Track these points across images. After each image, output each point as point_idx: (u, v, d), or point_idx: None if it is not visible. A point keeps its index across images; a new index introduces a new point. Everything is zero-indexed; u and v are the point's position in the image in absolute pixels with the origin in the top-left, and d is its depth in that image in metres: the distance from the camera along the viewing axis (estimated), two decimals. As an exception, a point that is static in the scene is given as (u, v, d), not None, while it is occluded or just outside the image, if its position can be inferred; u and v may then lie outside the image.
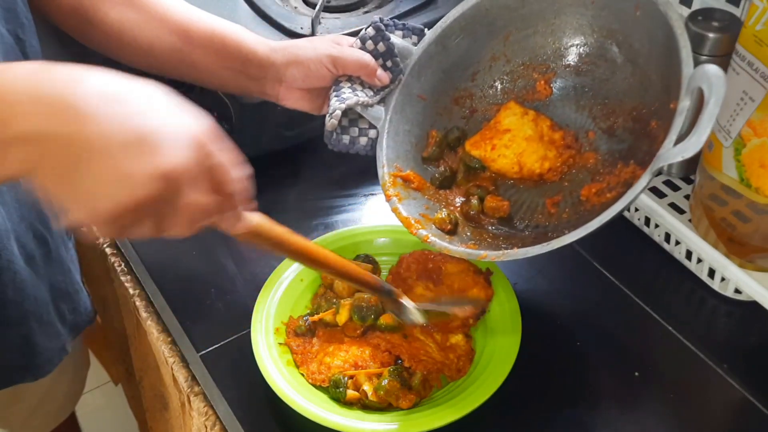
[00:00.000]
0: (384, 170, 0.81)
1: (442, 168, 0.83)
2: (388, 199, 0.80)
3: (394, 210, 0.79)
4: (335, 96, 0.81)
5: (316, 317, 0.80)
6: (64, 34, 0.89)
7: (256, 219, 0.63)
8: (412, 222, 0.78)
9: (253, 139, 1.02)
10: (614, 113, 0.78)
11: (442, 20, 0.83)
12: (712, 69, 0.62)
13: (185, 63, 0.86)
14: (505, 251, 0.71)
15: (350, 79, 0.83)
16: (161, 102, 0.53)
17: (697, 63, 0.83)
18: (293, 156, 1.04)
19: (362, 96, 0.82)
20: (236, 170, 0.57)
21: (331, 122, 0.80)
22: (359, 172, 1.02)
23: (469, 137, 0.85)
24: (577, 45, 0.81)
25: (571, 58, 0.81)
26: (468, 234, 0.79)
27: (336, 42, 0.84)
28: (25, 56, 0.77)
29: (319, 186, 1.01)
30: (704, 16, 0.83)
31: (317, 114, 0.86)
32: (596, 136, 0.79)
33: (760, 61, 0.71)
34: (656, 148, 0.65)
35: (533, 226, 0.79)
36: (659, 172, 0.68)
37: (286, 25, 1.04)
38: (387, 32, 0.83)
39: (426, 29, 0.85)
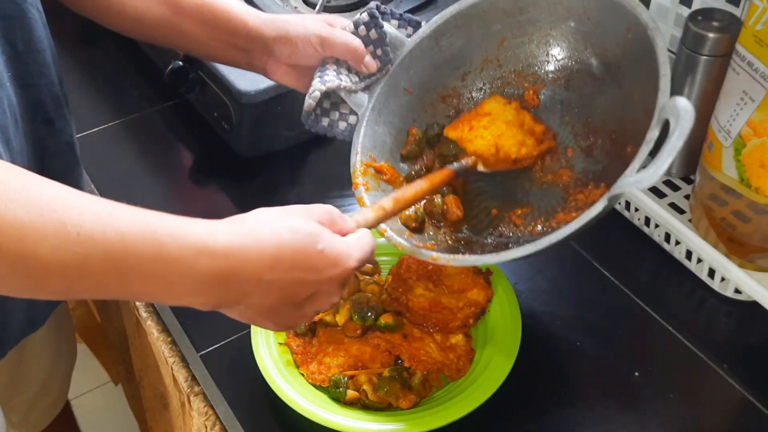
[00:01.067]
0: (357, 157, 0.80)
1: (417, 166, 0.83)
2: (355, 187, 0.79)
3: (359, 199, 0.78)
4: (318, 77, 0.80)
5: (315, 317, 0.80)
6: (63, 36, 0.88)
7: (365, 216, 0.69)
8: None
9: (253, 139, 1.02)
10: (595, 133, 0.78)
11: (438, 16, 0.82)
12: (682, 103, 0.61)
13: (175, 33, 0.85)
14: (455, 256, 0.70)
15: (338, 62, 0.81)
16: (325, 261, 0.60)
17: (696, 63, 0.84)
18: (293, 156, 1.04)
19: (346, 81, 0.80)
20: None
21: (308, 102, 0.79)
22: (359, 172, 1.02)
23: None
24: (569, 59, 0.80)
25: (562, 72, 0.81)
26: (430, 233, 0.79)
27: (329, 22, 0.82)
28: (44, 26, 0.77)
29: (319, 186, 1.01)
30: (704, 16, 0.83)
31: (303, 92, 0.84)
32: (574, 154, 0.79)
33: (760, 61, 0.71)
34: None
35: (497, 235, 0.78)
36: (617, 201, 0.68)
37: (286, 25, 1.04)
38: (381, 20, 0.82)
39: (423, 22, 0.84)
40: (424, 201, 0.80)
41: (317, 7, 1.03)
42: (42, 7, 0.83)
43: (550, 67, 0.82)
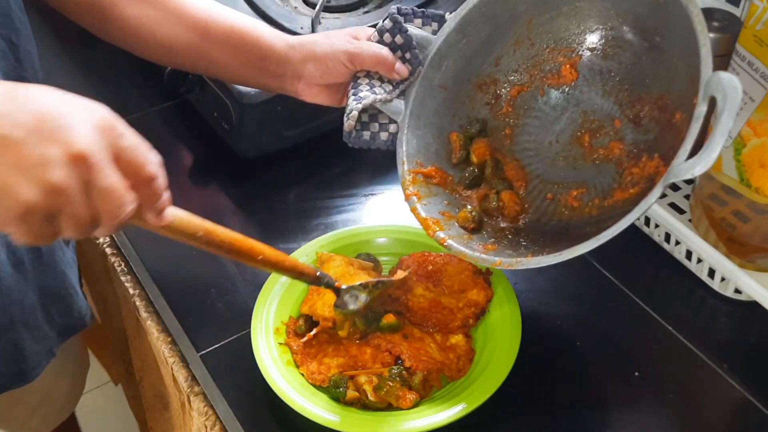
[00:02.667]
0: (404, 167, 0.80)
1: (470, 168, 0.82)
2: (407, 198, 0.79)
3: (413, 210, 0.78)
4: (353, 94, 0.80)
5: (315, 330, 0.80)
6: (63, 37, 0.88)
7: (178, 211, 0.60)
8: (430, 223, 0.77)
9: (253, 139, 1.02)
10: (640, 100, 0.76)
11: (460, 8, 0.81)
12: (728, 78, 0.59)
13: (204, 59, 0.85)
14: (518, 259, 0.70)
15: (369, 74, 0.82)
16: (57, 94, 0.51)
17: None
18: (293, 156, 1.04)
19: (380, 93, 0.81)
20: (150, 154, 0.55)
21: (348, 123, 0.80)
22: (359, 172, 1.03)
23: (491, 125, 0.83)
24: (602, 28, 0.78)
25: (597, 41, 0.79)
26: (489, 231, 0.79)
27: (354, 36, 0.82)
28: (18, 61, 0.76)
29: (319, 186, 1.01)
30: (704, 16, 0.82)
31: (338, 106, 0.85)
32: (622, 125, 0.77)
33: (760, 61, 0.71)
34: (679, 144, 0.63)
35: (556, 220, 0.78)
36: (673, 185, 0.67)
37: (286, 25, 1.04)
38: (405, 23, 0.81)
39: (447, 14, 0.83)
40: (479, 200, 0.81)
41: (317, 7, 1.03)
42: (42, 8, 0.83)
43: (584, 38, 0.80)
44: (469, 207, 0.80)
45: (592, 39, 0.79)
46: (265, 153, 1.03)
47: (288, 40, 0.83)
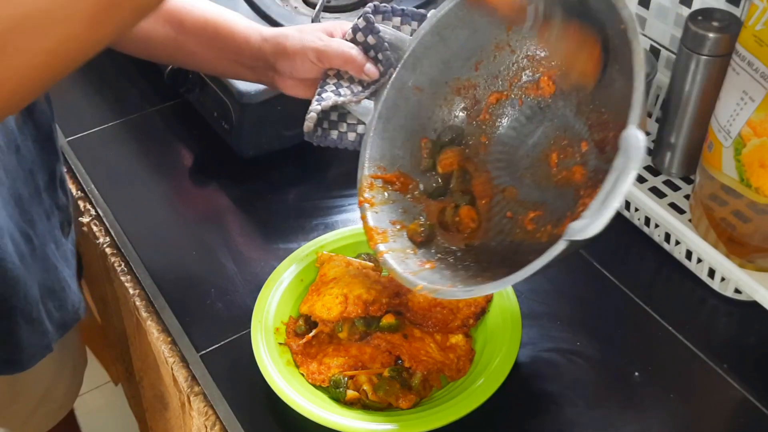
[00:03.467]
0: (363, 172, 0.79)
1: (433, 178, 0.80)
2: (360, 204, 0.78)
3: (362, 217, 0.77)
4: (317, 95, 0.79)
5: (314, 331, 0.80)
6: None
7: None
8: (374, 234, 0.76)
9: (253, 139, 1.02)
10: (607, 126, 0.73)
11: (436, 10, 0.79)
12: (633, 136, 0.55)
13: (181, 52, 0.86)
14: (438, 288, 0.69)
15: (339, 73, 0.81)
16: None
17: (696, 63, 0.84)
18: (293, 156, 1.04)
19: (345, 93, 0.79)
20: None
21: (306, 124, 0.79)
22: (359, 172, 1.02)
23: (467, 131, 0.82)
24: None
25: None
26: (439, 246, 0.77)
27: (330, 32, 0.81)
28: None
29: (319, 186, 1.01)
30: (704, 16, 0.83)
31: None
32: (588, 148, 0.75)
33: (760, 61, 0.71)
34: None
35: (509, 241, 0.76)
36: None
37: (286, 25, 1.04)
38: (382, 22, 0.80)
39: (429, 13, 0.81)
40: (438, 211, 0.79)
41: (317, 7, 1.03)
42: None
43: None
44: (421, 219, 0.78)
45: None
46: (265, 153, 1.03)
47: (262, 32, 0.83)
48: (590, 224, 0.56)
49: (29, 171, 0.83)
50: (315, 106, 0.78)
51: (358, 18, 0.79)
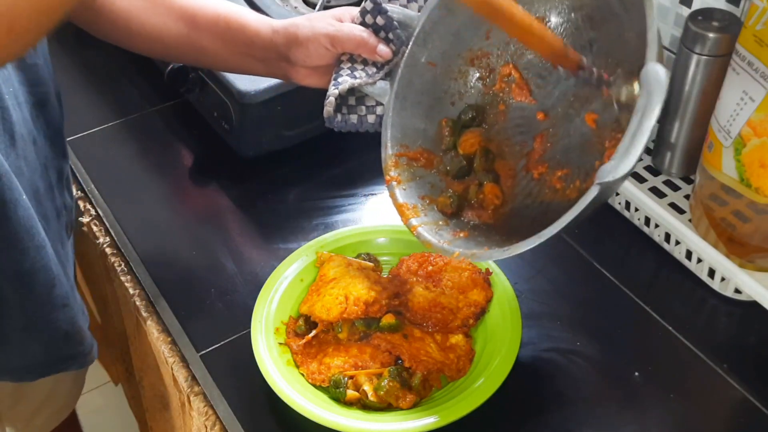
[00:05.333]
0: (387, 152, 0.79)
1: (455, 159, 0.80)
2: (387, 183, 0.78)
3: (391, 195, 0.77)
4: (333, 80, 0.79)
5: (314, 332, 0.80)
6: (63, 37, 0.89)
7: None
8: (405, 210, 0.76)
9: (253, 139, 1.02)
10: (624, 73, 0.71)
11: None
12: (653, 72, 0.56)
13: (194, 48, 0.86)
14: (474, 252, 0.69)
15: (352, 57, 0.81)
16: None
17: (696, 63, 0.84)
18: (293, 156, 1.04)
19: (361, 75, 0.79)
20: None
21: (326, 110, 0.79)
22: (359, 171, 1.03)
23: (488, 109, 0.81)
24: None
25: (587, 10, 0.75)
26: (469, 215, 0.78)
27: (339, 17, 0.81)
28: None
29: (319, 186, 1.01)
30: (704, 16, 0.83)
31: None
32: (607, 97, 0.73)
33: (760, 61, 0.71)
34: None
35: (538, 203, 0.76)
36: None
37: (286, 25, 1.04)
38: (384, 5, 0.79)
39: None
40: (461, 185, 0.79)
41: (317, 7, 1.03)
42: None
43: (573, 6, 0.76)
44: (450, 191, 0.78)
45: (582, 8, 0.76)
46: (265, 153, 1.03)
47: (272, 24, 0.83)
48: (619, 164, 0.56)
49: (44, 165, 0.83)
50: (332, 90, 0.78)
51: (365, 0, 0.80)
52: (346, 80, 0.79)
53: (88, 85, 1.19)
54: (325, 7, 1.09)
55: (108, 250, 0.96)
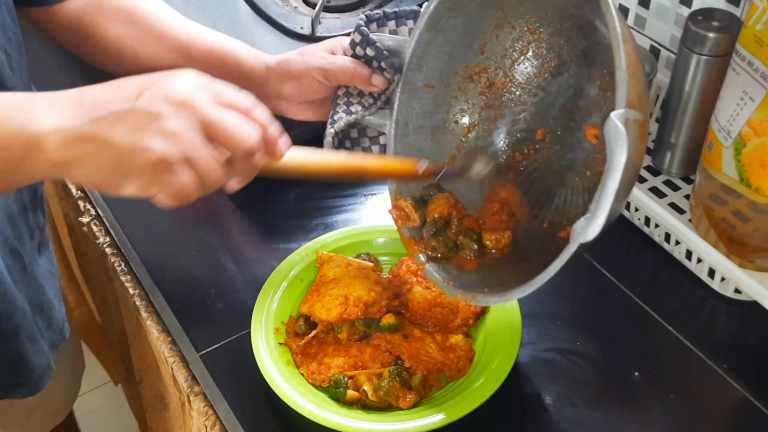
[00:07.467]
0: (392, 184, 0.79)
1: (429, 230, 0.79)
2: (391, 214, 0.79)
3: (399, 230, 0.79)
4: (330, 117, 0.80)
5: (314, 332, 0.80)
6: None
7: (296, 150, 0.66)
8: (413, 245, 0.77)
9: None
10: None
11: (424, 6, 0.78)
12: (612, 127, 0.53)
13: None
14: (479, 296, 0.70)
15: (348, 90, 0.81)
16: (145, 75, 0.59)
17: (696, 63, 0.84)
18: (293, 156, 1.04)
19: (357, 110, 0.80)
20: (242, 92, 0.61)
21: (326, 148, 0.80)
22: (359, 172, 1.02)
23: (489, 114, 0.82)
24: (574, 6, 0.74)
25: (574, 20, 0.75)
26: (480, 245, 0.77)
27: (331, 50, 0.81)
28: (12, 71, 0.76)
29: (319, 186, 1.01)
30: (704, 16, 0.83)
31: (325, 121, 0.84)
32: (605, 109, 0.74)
33: (760, 61, 0.71)
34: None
35: (543, 228, 0.76)
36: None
37: (286, 25, 1.04)
38: (378, 29, 0.80)
39: (420, 8, 0.80)
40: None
41: (317, 7, 1.03)
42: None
43: (561, 16, 0.76)
44: (456, 222, 0.78)
45: (569, 18, 0.75)
46: (265, 153, 1.03)
47: (266, 60, 0.83)
48: (588, 227, 0.56)
49: (18, 189, 0.82)
50: (329, 129, 0.80)
51: (353, 32, 0.80)
52: (341, 117, 0.79)
53: (87, 83, 1.19)
54: (326, 8, 1.09)
55: (108, 250, 0.96)
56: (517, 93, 0.82)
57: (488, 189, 0.81)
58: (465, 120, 0.83)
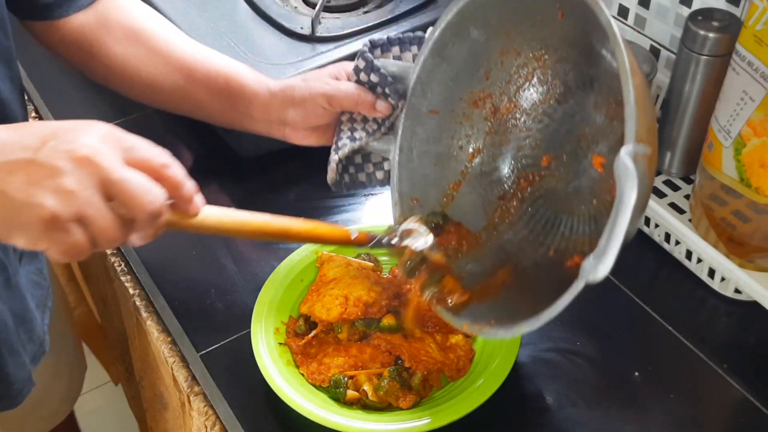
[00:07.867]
0: (397, 210, 0.79)
1: (401, 265, 0.78)
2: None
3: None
4: (334, 143, 0.80)
5: (314, 332, 0.80)
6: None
7: (211, 208, 0.65)
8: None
9: (253, 139, 1.02)
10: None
11: (429, 32, 0.78)
12: (622, 166, 0.53)
13: (189, 101, 0.85)
14: (485, 328, 0.69)
15: (352, 116, 0.81)
16: (55, 122, 0.57)
17: (696, 63, 0.84)
18: (293, 156, 1.04)
19: (361, 137, 0.80)
20: (157, 149, 0.59)
21: (329, 176, 0.80)
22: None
23: (494, 140, 0.81)
24: (580, 34, 0.73)
25: (580, 47, 0.74)
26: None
27: (336, 75, 0.81)
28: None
29: (319, 186, 1.01)
30: (704, 16, 0.83)
31: (329, 146, 0.84)
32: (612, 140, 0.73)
33: (760, 61, 0.71)
34: None
35: (547, 253, 0.75)
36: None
37: (286, 25, 1.04)
38: (382, 54, 0.80)
39: (428, 31, 0.80)
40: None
41: (317, 7, 1.03)
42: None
43: (567, 43, 0.75)
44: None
45: (577, 44, 0.74)
46: (265, 153, 1.03)
47: (270, 86, 0.82)
48: (598, 265, 0.55)
49: None
50: (333, 156, 0.79)
51: (357, 59, 0.79)
52: (345, 144, 0.79)
53: (88, 85, 1.19)
54: (325, 8, 1.09)
55: (108, 250, 0.96)
56: (522, 119, 0.81)
57: (491, 212, 0.81)
58: (470, 146, 0.83)
